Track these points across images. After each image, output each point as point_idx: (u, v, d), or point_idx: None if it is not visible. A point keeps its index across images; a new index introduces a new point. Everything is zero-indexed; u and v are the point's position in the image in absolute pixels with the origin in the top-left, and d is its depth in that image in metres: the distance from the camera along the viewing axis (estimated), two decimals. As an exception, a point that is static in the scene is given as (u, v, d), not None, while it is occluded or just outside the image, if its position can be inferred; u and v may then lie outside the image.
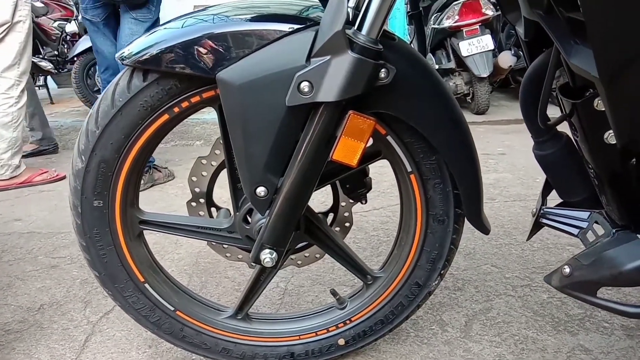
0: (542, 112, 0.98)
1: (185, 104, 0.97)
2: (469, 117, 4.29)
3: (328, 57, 0.84)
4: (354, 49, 0.83)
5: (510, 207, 2.23)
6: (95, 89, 5.06)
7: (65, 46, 5.91)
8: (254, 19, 0.92)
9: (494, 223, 2.06)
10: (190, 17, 0.97)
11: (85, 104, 5.04)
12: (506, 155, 3.09)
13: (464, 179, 1.02)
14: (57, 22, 5.66)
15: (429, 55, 4.46)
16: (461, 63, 4.18)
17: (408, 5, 1.06)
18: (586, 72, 0.77)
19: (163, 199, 2.58)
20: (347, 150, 0.90)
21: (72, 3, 5.75)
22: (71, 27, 5.94)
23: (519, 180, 2.59)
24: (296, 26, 0.88)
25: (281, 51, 0.87)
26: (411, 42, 1.09)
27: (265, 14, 0.94)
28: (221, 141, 1.04)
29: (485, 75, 4.06)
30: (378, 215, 2.21)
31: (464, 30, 4.08)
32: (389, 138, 1.02)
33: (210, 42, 0.89)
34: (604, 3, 0.66)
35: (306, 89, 0.86)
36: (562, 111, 1.01)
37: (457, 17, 4.10)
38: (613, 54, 0.71)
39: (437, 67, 4.37)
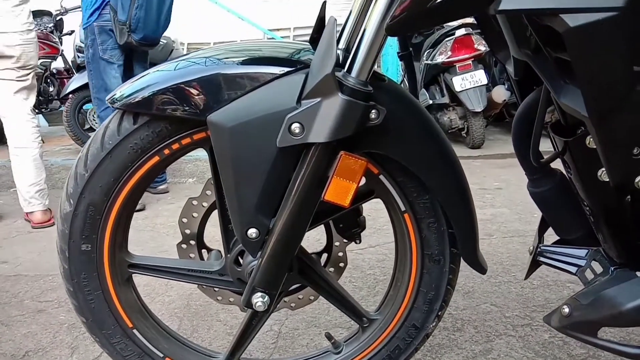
0: (535, 150, 0.99)
1: (175, 146, 0.98)
2: (464, 151, 4.34)
3: (318, 99, 0.85)
4: (344, 91, 0.84)
5: (509, 244, 2.23)
6: (87, 127, 5.09)
7: (50, 84, 5.97)
8: (246, 62, 0.94)
9: (492, 260, 2.05)
10: (183, 59, 0.99)
11: (77, 142, 5.05)
12: (503, 190, 3.10)
13: (458, 218, 1.02)
14: (41, 61, 5.73)
15: (423, 90, 4.53)
16: (455, 98, 4.26)
17: (398, 46, 1.08)
18: (576, 112, 0.79)
19: (154, 239, 2.57)
20: (339, 190, 0.91)
21: (56, 40, 5.83)
22: (57, 64, 6.00)
23: (516, 216, 2.60)
24: (287, 69, 0.90)
25: (272, 93, 0.89)
26: (402, 81, 1.11)
27: (256, 56, 0.97)
28: (212, 182, 1.04)
29: (479, 110, 4.13)
30: (374, 253, 2.20)
31: (456, 65, 4.16)
32: (381, 177, 1.03)
33: (202, 85, 0.91)
34: (590, 46, 0.68)
35: (297, 130, 0.87)
36: (554, 149, 1.02)
37: (449, 53, 4.19)
38: (601, 94, 0.73)
39: (430, 102, 4.44)
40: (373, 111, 0.88)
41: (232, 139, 0.89)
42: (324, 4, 1.02)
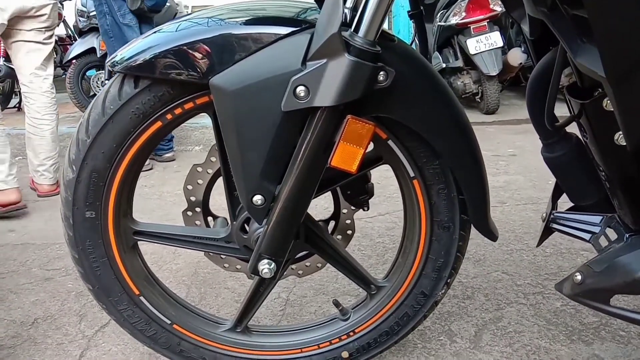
0: (550, 113, 0.97)
1: (178, 111, 0.97)
2: (478, 117, 4.29)
3: (324, 61, 0.84)
4: (350, 52, 0.83)
5: (522, 211, 2.23)
6: (91, 93, 5.09)
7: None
8: (249, 22, 0.93)
9: (505, 228, 2.05)
10: (185, 20, 0.97)
11: (80, 109, 5.07)
12: (517, 157, 3.08)
13: (469, 184, 1.01)
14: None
15: (436, 53, 4.46)
16: (469, 61, 4.19)
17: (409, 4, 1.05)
18: (593, 72, 0.77)
19: (161, 207, 2.59)
20: (346, 156, 0.90)
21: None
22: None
23: (530, 183, 2.58)
24: (291, 29, 0.89)
25: (276, 55, 0.88)
26: (412, 42, 1.09)
27: (260, 16, 0.95)
28: (216, 148, 1.04)
29: (494, 74, 4.06)
30: (383, 221, 2.21)
31: (471, 27, 4.08)
32: (390, 142, 1.02)
33: (204, 47, 0.90)
34: (608, 0, 0.66)
35: (302, 94, 0.86)
36: (570, 112, 1.01)
37: (464, 14, 4.10)
38: (620, 54, 0.71)
39: (444, 65, 4.38)
40: (381, 73, 0.87)
41: (235, 103, 0.89)
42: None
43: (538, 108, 1.01)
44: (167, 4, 4.61)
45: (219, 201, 1.16)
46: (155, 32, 0.97)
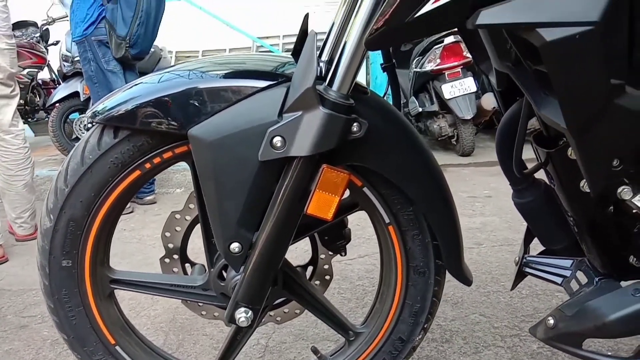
0: (517, 161, 1.00)
1: (157, 160, 0.98)
2: (454, 159, 4.36)
3: (300, 113, 0.86)
4: (325, 105, 0.85)
5: (498, 252, 2.25)
6: (74, 137, 5.07)
7: (37, 94, 5.95)
8: (229, 75, 0.95)
9: (482, 269, 2.06)
10: (168, 72, 0.99)
11: (62, 152, 5.03)
12: (493, 198, 3.12)
13: (441, 229, 1.03)
14: (27, 70, 5.70)
15: (412, 98, 4.57)
16: (444, 106, 4.29)
17: (381, 57, 1.09)
18: (555, 123, 0.80)
19: (140, 251, 2.55)
20: (321, 204, 0.91)
21: (43, 50, 5.81)
22: (43, 75, 5.99)
23: (506, 224, 2.61)
24: (269, 82, 0.91)
25: (253, 107, 0.89)
26: (385, 93, 1.12)
27: (240, 70, 0.97)
28: (195, 195, 1.04)
29: (468, 118, 4.16)
30: (363, 263, 2.20)
31: (446, 73, 4.20)
32: (365, 190, 1.03)
33: (184, 99, 0.91)
34: (567, 59, 0.69)
35: (279, 144, 0.87)
36: (538, 159, 1.04)
37: (438, 61, 4.23)
38: (579, 106, 0.74)
39: (420, 109, 4.47)
40: (355, 124, 0.89)
41: (213, 153, 0.90)
42: (307, 16, 1.03)
43: (507, 156, 1.04)
44: (152, 49, 4.68)
45: (198, 244, 1.15)
46: (137, 84, 0.98)
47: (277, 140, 0.87)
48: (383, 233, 1.08)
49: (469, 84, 4.17)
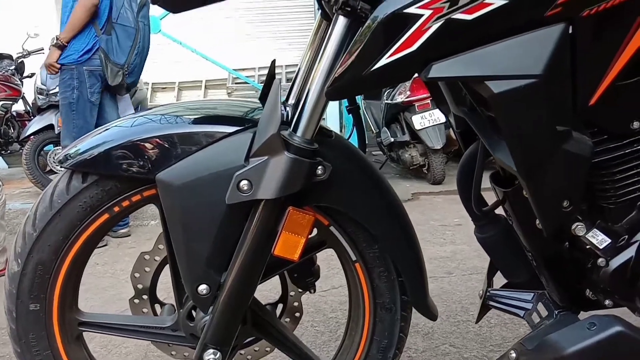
0: (477, 198, 1.03)
1: (125, 203, 0.98)
2: (426, 187, 4.42)
3: (266, 158, 0.88)
4: (289, 150, 0.87)
5: (468, 281, 2.27)
6: (47, 169, 4.99)
7: (11, 126, 5.88)
8: (199, 121, 0.97)
9: (452, 299, 2.08)
10: (142, 115, 1.01)
11: (36, 184, 4.93)
12: (463, 226, 3.16)
13: (406, 267, 1.05)
14: (2, 102, 5.64)
15: (384, 129, 4.64)
16: (415, 136, 4.36)
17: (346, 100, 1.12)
18: (508, 166, 0.83)
19: (113, 286, 2.51)
20: (288, 245, 0.92)
21: (18, 82, 5.76)
22: (17, 107, 5.93)
23: (475, 253, 2.64)
24: (236, 128, 0.93)
25: (221, 152, 0.91)
26: (350, 135, 1.15)
27: (210, 115, 1.00)
28: (164, 237, 1.04)
29: (439, 147, 4.24)
30: (337, 294, 2.20)
31: (416, 104, 4.28)
32: (332, 228, 1.05)
33: (154, 143, 0.92)
34: (513, 109, 0.73)
35: (245, 187, 0.89)
36: (496, 197, 1.07)
37: (408, 93, 4.32)
38: (528, 153, 0.77)
39: (392, 140, 4.55)
40: (319, 167, 0.91)
41: (181, 196, 0.91)
42: (273, 62, 1.06)
43: (467, 193, 1.07)
44: (127, 82, 4.68)
45: (168, 284, 1.15)
46: (109, 128, 0.99)
47: (244, 184, 0.89)
48: (350, 270, 1.10)
49: (438, 115, 4.26)
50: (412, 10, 0.70)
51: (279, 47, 7.15)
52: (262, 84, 1.04)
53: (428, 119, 4.25)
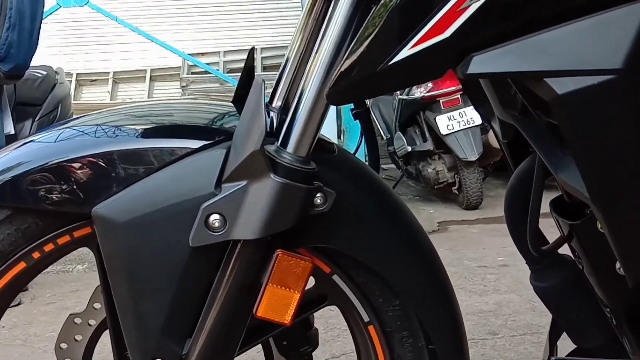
0: (532, 234, 1.04)
1: (49, 247, 0.98)
2: (457, 213, 4.45)
3: (244, 183, 0.88)
4: (277, 172, 0.87)
5: (519, 345, 2.28)
6: None
7: None
8: (149, 133, 0.98)
9: (498, 370, 2.08)
10: (68, 127, 1.01)
11: None
12: (509, 267, 3.18)
13: (438, 329, 1.05)
14: None
15: (398, 134, 4.67)
16: (441, 143, 4.40)
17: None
18: (577, 191, 0.83)
19: (26, 357, 2.49)
20: (276, 303, 0.92)
21: None
22: None
23: (528, 304, 2.65)
24: (203, 142, 0.93)
25: (182, 176, 0.91)
26: (357, 149, 1.16)
27: (165, 125, 1.00)
28: (102, 292, 1.04)
29: (473, 159, 4.26)
30: (338, 366, 2.20)
31: (440, 100, 4.32)
32: (335, 278, 1.05)
33: (88, 165, 0.92)
34: (584, 117, 0.74)
35: (217, 224, 0.89)
36: (560, 231, 1.08)
37: (430, 85, 4.35)
38: (605, 175, 0.78)
39: (409, 149, 4.58)
40: (318, 195, 0.91)
41: (127, 237, 0.91)
42: (252, 50, 1.07)
43: (519, 227, 1.08)
44: (42, 72, 4.68)
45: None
46: (24, 144, 0.99)
47: (215, 219, 0.89)
48: (362, 335, 1.10)
49: (471, 115, 4.29)
50: (445, -17, 0.72)
51: (251, 23, 7.21)
52: (230, 75, 1.05)
53: (458, 121, 4.28)
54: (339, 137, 5.75)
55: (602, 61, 0.72)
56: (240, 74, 1.06)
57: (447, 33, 0.73)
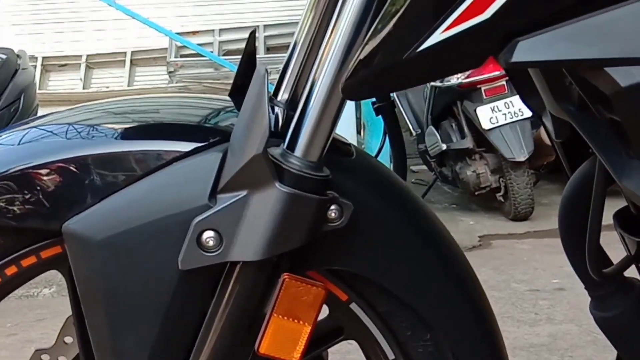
0: (593, 256, 1.04)
1: (11, 271, 0.99)
2: (502, 225, 4.43)
3: (244, 193, 0.89)
4: (283, 180, 0.88)
5: (578, 385, 2.27)
6: None
7: None
8: (131, 134, 0.99)
9: (552, 416, 2.08)
10: (34, 126, 1.02)
11: None
12: (566, 292, 3.16)
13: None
14: None
15: (431, 128, 4.66)
16: (483, 140, 4.39)
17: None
18: (644, 201, 0.84)
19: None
20: (282, 337, 0.93)
21: None
22: None
23: (589, 337, 2.64)
24: (194, 144, 0.94)
25: (170, 185, 0.92)
26: (379, 151, 1.16)
27: (149, 124, 1.01)
28: (74, 323, 1.05)
29: (523, 159, 4.25)
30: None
31: (482, 88, 4.31)
32: (353, 307, 1.05)
33: (57, 172, 0.93)
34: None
35: (211, 243, 0.89)
36: (626, 249, 1.08)
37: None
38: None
39: (444, 147, 4.57)
40: (333, 207, 0.92)
41: (104, 259, 0.91)
42: (253, 33, 1.08)
43: (577, 246, 1.08)
44: (2, 56, 4.72)
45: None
46: None
47: (209, 237, 0.89)
48: (385, 375, 1.10)
49: (520, 106, 4.28)
50: (483, -47, 0.72)
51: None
52: (227, 58, 1.05)
53: (503, 112, 4.27)
54: (358, 133, 5.74)
55: None
56: (239, 57, 1.07)
57: (488, 14, 0.73)
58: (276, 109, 0.98)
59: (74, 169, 0.93)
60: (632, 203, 1.02)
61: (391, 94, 1.18)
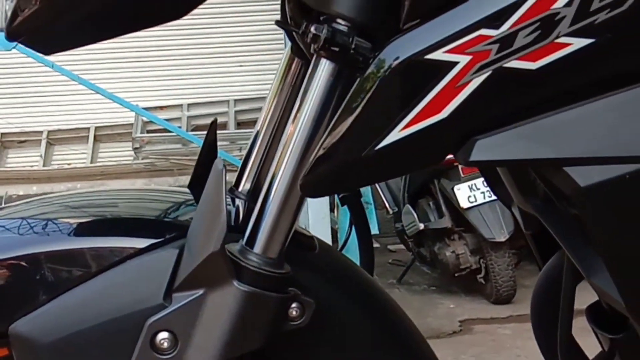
0: (564, 351, 1.05)
1: (-44, 374, 0.98)
2: (483, 308, 4.42)
3: (201, 292, 0.89)
4: (242, 277, 0.88)
5: None
6: None
7: None
8: (86, 229, 0.99)
9: None
10: None
11: None
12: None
13: None
14: None
15: (407, 207, 4.68)
16: (461, 219, 4.40)
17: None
18: (613, 299, 0.85)
19: None
20: None
21: None
22: None
23: None
24: (150, 240, 0.95)
25: (124, 283, 0.92)
26: (344, 243, 1.18)
27: (106, 218, 1.02)
28: None
29: (503, 239, 4.26)
30: None
31: (459, 166, 4.34)
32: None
33: (5, 270, 0.93)
34: (614, 215, 0.77)
35: (166, 344, 0.89)
36: (600, 346, 1.09)
37: (446, 147, 4.40)
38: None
39: (422, 226, 4.58)
40: (294, 305, 0.92)
41: (53, 361, 0.91)
42: (214, 122, 1.09)
43: (550, 338, 1.09)
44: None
45: None
46: None
47: (163, 339, 0.89)
48: None
49: (498, 184, 4.32)
50: (438, 55, 0.73)
51: (222, 70, 7.28)
52: (195, 134, 1.07)
53: (482, 191, 4.30)
54: (332, 211, 5.73)
55: (635, 146, 0.75)
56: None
57: (445, 113, 0.75)
58: (237, 201, 0.99)
59: (25, 266, 0.94)
60: (603, 299, 1.04)
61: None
